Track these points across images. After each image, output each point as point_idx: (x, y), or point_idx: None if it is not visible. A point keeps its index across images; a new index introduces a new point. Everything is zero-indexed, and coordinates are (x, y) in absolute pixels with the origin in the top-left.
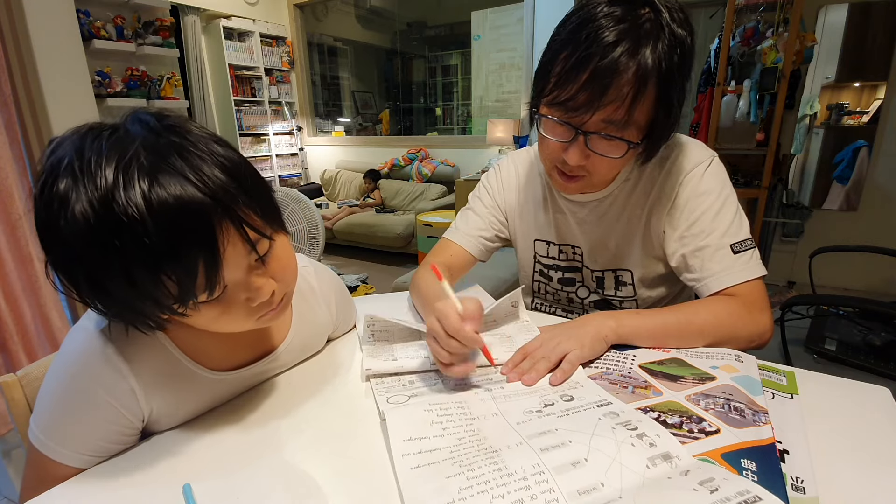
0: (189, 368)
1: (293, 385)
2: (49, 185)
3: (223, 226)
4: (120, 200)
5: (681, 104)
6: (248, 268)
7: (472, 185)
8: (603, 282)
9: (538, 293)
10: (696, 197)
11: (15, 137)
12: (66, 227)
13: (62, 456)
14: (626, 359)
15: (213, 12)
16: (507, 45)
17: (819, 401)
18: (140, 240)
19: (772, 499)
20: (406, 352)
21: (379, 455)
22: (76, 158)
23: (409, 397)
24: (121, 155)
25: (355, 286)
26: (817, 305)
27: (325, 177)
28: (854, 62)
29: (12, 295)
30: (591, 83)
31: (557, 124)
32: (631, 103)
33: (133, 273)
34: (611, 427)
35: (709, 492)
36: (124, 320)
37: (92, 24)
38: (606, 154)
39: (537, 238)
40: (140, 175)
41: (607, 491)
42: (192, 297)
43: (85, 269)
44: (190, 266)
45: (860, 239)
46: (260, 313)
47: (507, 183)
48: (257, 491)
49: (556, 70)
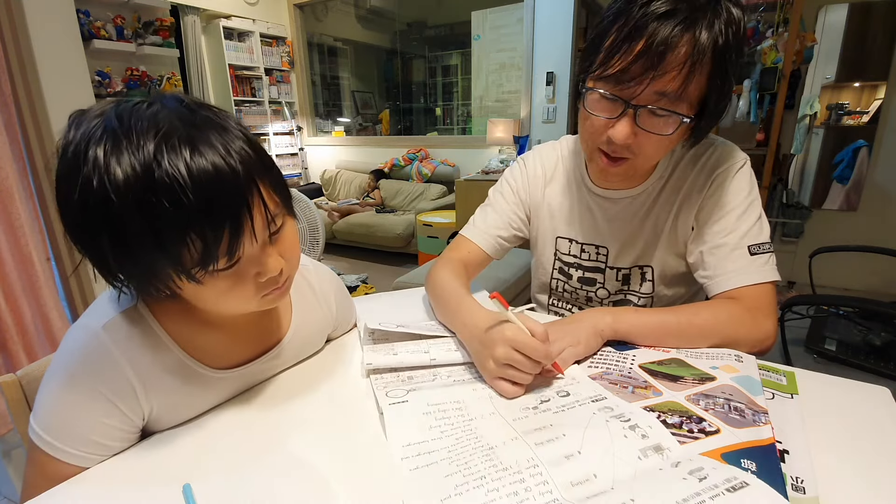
0: (189, 366)
1: (293, 384)
2: (83, 149)
3: (250, 197)
4: (164, 164)
5: (732, 84)
6: (262, 243)
7: (472, 185)
8: (629, 279)
9: (555, 291)
10: (724, 195)
11: (15, 137)
12: (102, 188)
13: (63, 454)
14: (625, 359)
15: (213, 12)
16: (507, 45)
17: (819, 401)
18: (178, 202)
19: (758, 483)
20: (406, 347)
21: (381, 453)
22: (118, 125)
23: (408, 392)
24: (161, 125)
25: (355, 286)
26: (817, 305)
27: (325, 177)
28: (854, 62)
29: (12, 295)
30: (647, 53)
31: (606, 99)
32: (687, 75)
33: (163, 234)
34: (605, 420)
35: (697, 480)
36: (139, 286)
37: (92, 24)
38: (656, 131)
39: (560, 235)
40: (181, 144)
41: (600, 482)
42: (213, 260)
43: (114, 229)
44: (217, 229)
45: (860, 239)
46: (266, 290)
47: (533, 178)
48: (258, 490)
49: (607, 43)
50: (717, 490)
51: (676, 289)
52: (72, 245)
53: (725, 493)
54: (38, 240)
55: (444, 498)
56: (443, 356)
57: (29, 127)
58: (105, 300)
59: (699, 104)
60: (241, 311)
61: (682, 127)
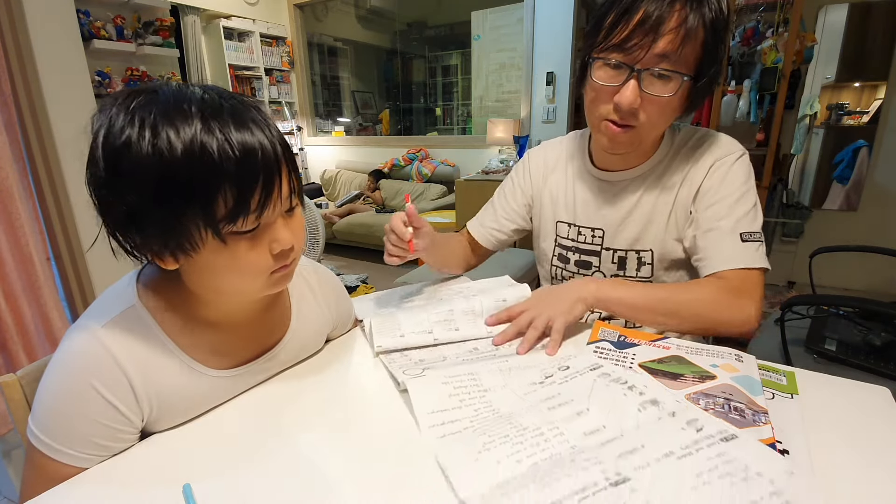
0: (189, 367)
1: (293, 384)
2: (126, 123)
3: (280, 165)
4: (213, 128)
5: (723, 51)
6: (279, 215)
7: (472, 185)
8: (625, 262)
9: (556, 279)
10: (720, 183)
11: (15, 137)
12: (148, 153)
13: (61, 455)
14: (626, 358)
15: (213, 12)
16: (507, 45)
17: (819, 401)
18: (223, 157)
19: (746, 435)
20: (410, 326)
21: (382, 453)
22: (165, 98)
23: (424, 370)
24: (206, 99)
25: (355, 286)
26: (817, 305)
27: (325, 177)
28: (854, 62)
29: (12, 295)
30: (646, 21)
31: (611, 67)
32: (684, 37)
33: (204, 184)
34: (605, 385)
35: (695, 430)
36: (166, 242)
37: (92, 24)
38: (659, 93)
39: (559, 220)
40: (226, 115)
41: (609, 431)
42: (243, 213)
43: (154, 191)
44: (253, 184)
45: (860, 239)
46: (276, 266)
47: (535, 169)
48: (258, 490)
49: (608, 21)
50: (712, 440)
51: (676, 274)
52: (72, 245)
53: (720, 443)
54: (38, 240)
55: (477, 452)
56: (444, 335)
57: (29, 127)
58: (104, 301)
59: (695, 68)
60: (247, 292)
61: (682, 90)
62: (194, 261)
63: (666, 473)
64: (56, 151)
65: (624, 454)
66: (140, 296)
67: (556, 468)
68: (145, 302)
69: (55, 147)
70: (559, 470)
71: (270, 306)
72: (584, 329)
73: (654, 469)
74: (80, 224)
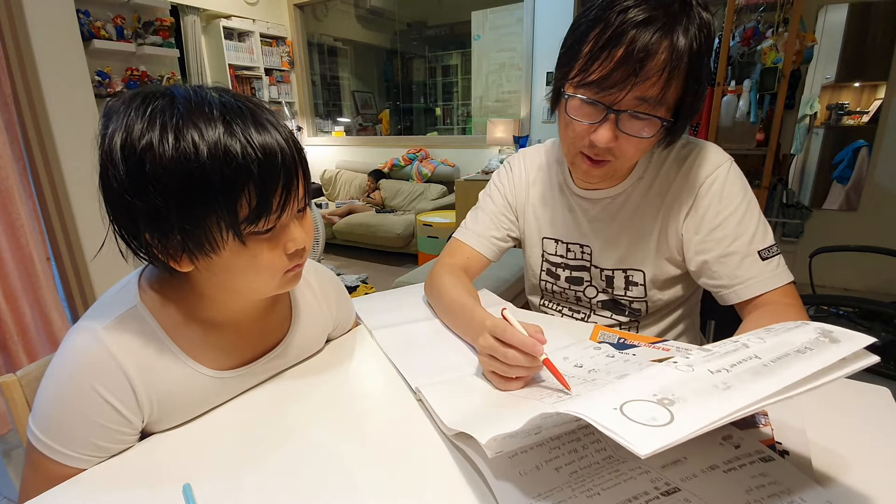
0: (189, 368)
1: (293, 384)
2: (146, 127)
3: (297, 168)
4: (235, 130)
5: (706, 86)
6: (294, 216)
7: (472, 185)
8: (612, 281)
9: (546, 292)
10: (718, 202)
11: (15, 137)
12: (173, 156)
13: (61, 455)
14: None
15: (213, 12)
16: (507, 45)
17: (819, 401)
18: (246, 158)
19: (781, 461)
20: None
21: (381, 453)
22: (184, 99)
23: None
24: (224, 102)
25: (355, 286)
26: (817, 305)
27: (325, 177)
28: (854, 62)
29: (12, 295)
30: (628, 60)
31: (587, 104)
32: (667, 80)
33: (228, 185)
34: (622, 369)
35: (733, 447)
36: (185, 244)
37: (92, 24)
38: (637, 134)
39: (546, 236)
40: (246, 117)
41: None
42: (265, 213)
43: (178, 194)
44: (274, 185)
45: (860, 239)
46: (290, 265)
47: (518, 180)
48: (258, 490)
49: (585, 49)
50: (752, 458)
51: (671, 291)
52: (72, 245)
53: (759, 462)
54: (38, 240)
55: (500, 431)
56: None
57: (29, 127)
58: (106, 301)
59: (675, 106)
60: (262, 291)
61: (660, 131)
62: (212, 262)
63: (716, 487)
64: (56, 151)
65: (668, 465)
66: (142, 296)
67: (597, 475)
68: (147, 302)
69: (55, 147)
70: (602, 478)
71: (272, 307)
72: (585, 329)
73: (703, 481)
74: (81, 224)
